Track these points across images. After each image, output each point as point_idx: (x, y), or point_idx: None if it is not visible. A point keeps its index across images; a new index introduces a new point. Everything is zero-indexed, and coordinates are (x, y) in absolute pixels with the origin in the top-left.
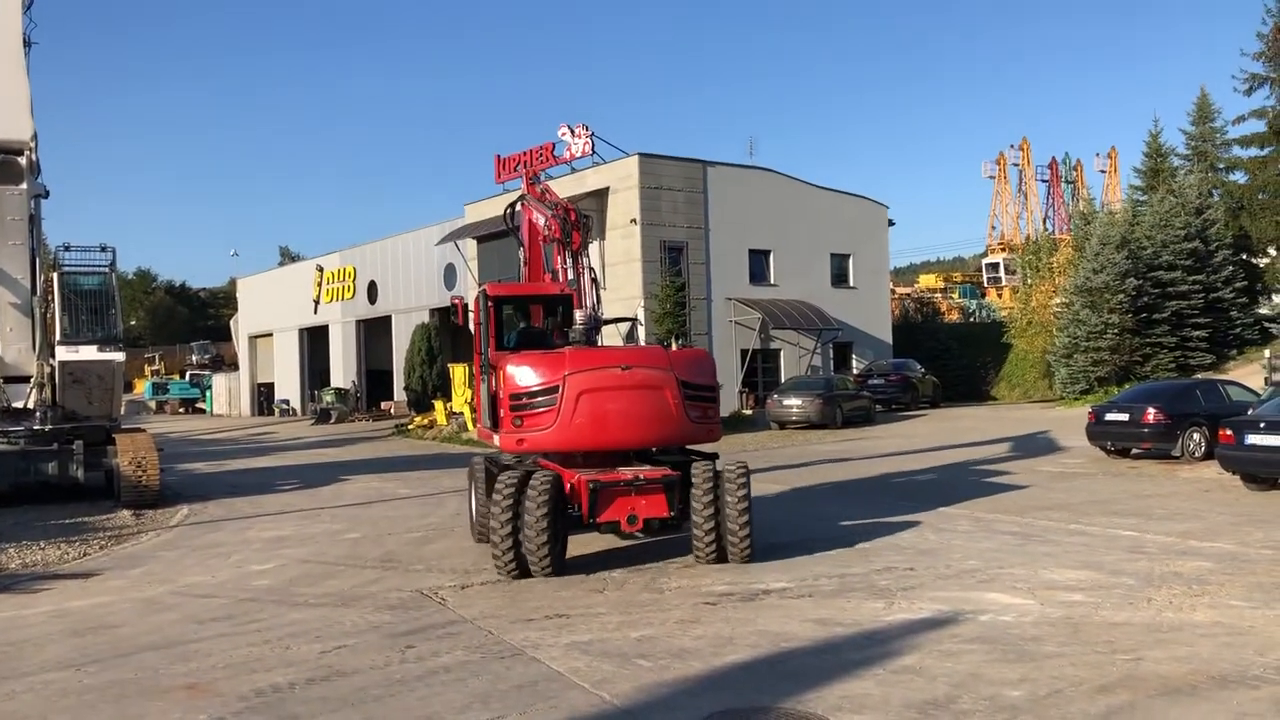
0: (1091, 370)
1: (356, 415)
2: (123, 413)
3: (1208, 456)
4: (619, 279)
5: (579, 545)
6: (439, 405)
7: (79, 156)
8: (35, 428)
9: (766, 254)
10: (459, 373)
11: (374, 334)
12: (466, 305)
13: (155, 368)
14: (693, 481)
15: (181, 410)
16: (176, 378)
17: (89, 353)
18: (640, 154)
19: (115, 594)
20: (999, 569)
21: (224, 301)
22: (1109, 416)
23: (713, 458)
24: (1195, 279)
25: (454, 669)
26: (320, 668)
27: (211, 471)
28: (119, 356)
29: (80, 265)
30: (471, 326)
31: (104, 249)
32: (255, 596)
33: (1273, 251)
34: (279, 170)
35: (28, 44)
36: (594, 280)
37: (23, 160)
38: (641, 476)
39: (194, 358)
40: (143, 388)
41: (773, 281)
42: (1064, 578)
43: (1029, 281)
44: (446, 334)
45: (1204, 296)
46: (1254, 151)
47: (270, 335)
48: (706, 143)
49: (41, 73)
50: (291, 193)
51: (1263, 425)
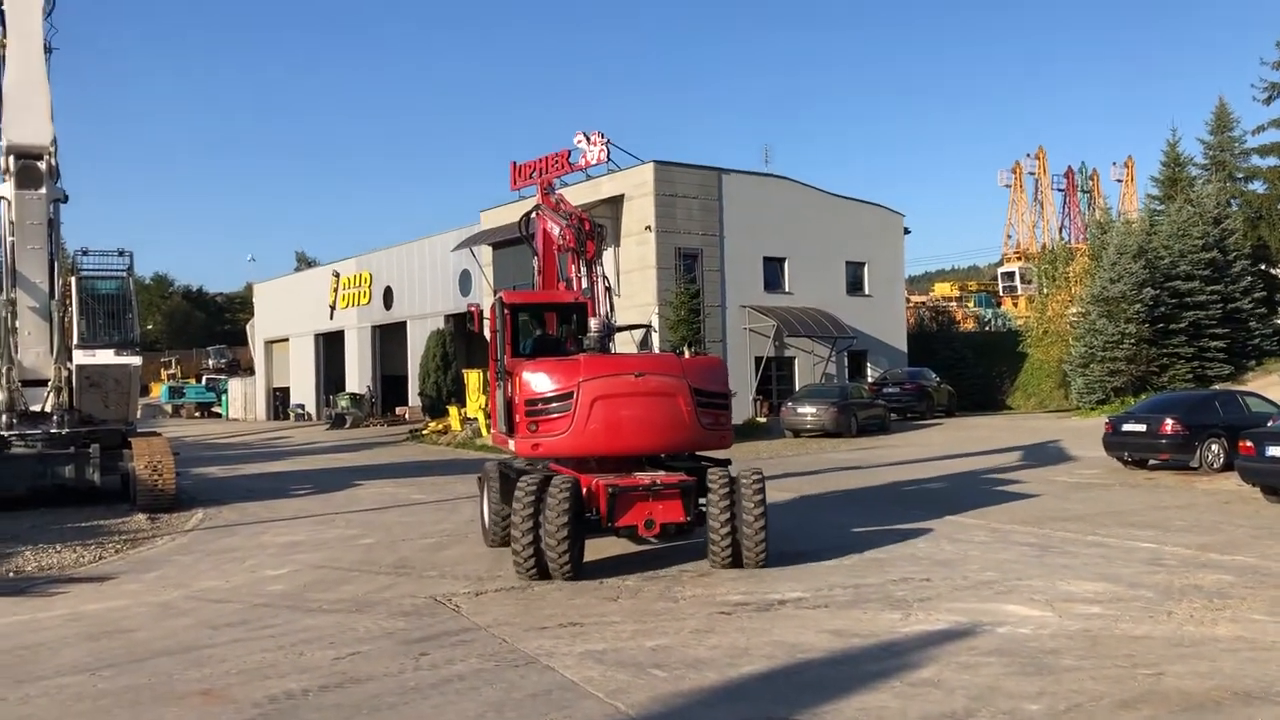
0: (1108, 380)
1: (371, 420)
2: (139, 416)
3: (1226, 468)
4: (634, 286)
5: (592, 551)
6: (453, 411)
7: (98, 161)
8: (52, 431)
9: (781, 261)
10: (473, 378)
11: (389, 339)
12: (483, 312)
13: (172, 372)
14: (709, 487)
15: (197, 414)
16: (193, 382)
17: (106, 356)
18: (656, 161)
19: (130, 598)
20: (1016, 580)
21: (240, 306)
22: (1126, 427)
23: (726, 464)
24: (1213, 289)
25: (468, 677)
26: (333, 674)
27: (226, 476)
28: (136, 360)
29: (98, 269)
30: (487, 333)
31: (121, 253)
32: (269, 602)
33: None
34: (296, 176)
35: (48, 50)
36: (607, 288)
37: (42, 165)
38: (659, 482)
39: (210, 362)
40: (159, 392)
41: (787, 289)
42: (1082, 590)
43: (1045, 290)
44: (461, 340)
45: (1222, 307)
46: (1273, 161)
47: (286, 340)
48: (722, 150)
49: (62, 77)
50: (308, 198)
51: None
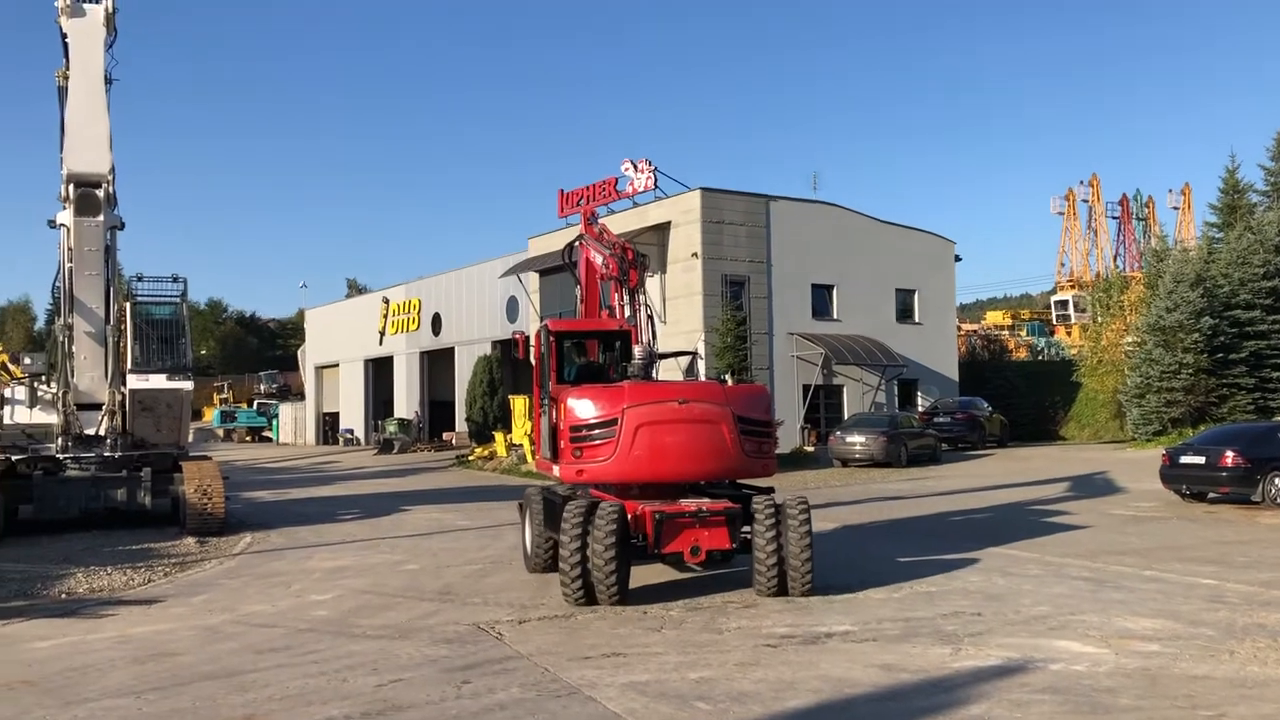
0: (1165, 411)
1: (419, 446)
2: (190, 440)
3: None
4: (680, 313)
5: (636, 579)
6: (499, 437)
7: (155, 188)
8: (106, 454)
9: (830, 289)
10: (519, 404)
11: (437, 365)
12: (528, 339)
13: (224, 396)
14: (754, 514)
15: (249, 438)
16: (244, 406)
17: (159, 381)
18: (702, 188)
19: (177, 621)
20: (1070, 615)
21: (292, 332)
22: (1184, 459)
23: (770, 491)
24: (1275, 318)
25: (509, 706)
26: (375, 701)
27: (275, 500)
28: (187, 385)
29: (152, 295)
30: (532, 360)
31: (175, 279)
32: (314, 627)
33: None
34: (348, 203)
35: (109, 81)
36: (650, 317)
37: (100, 193)
38: (705, 509)
39: (262, 387)
40: (212, 416)
41: (836, 316)
42: (1139, 626)
43: (1099, 319)
44: (508, 366)
45: None
46: None
47: (336, 365)
48: (770, 177)
49: (120, 105)
50: (359, 225)
51: None
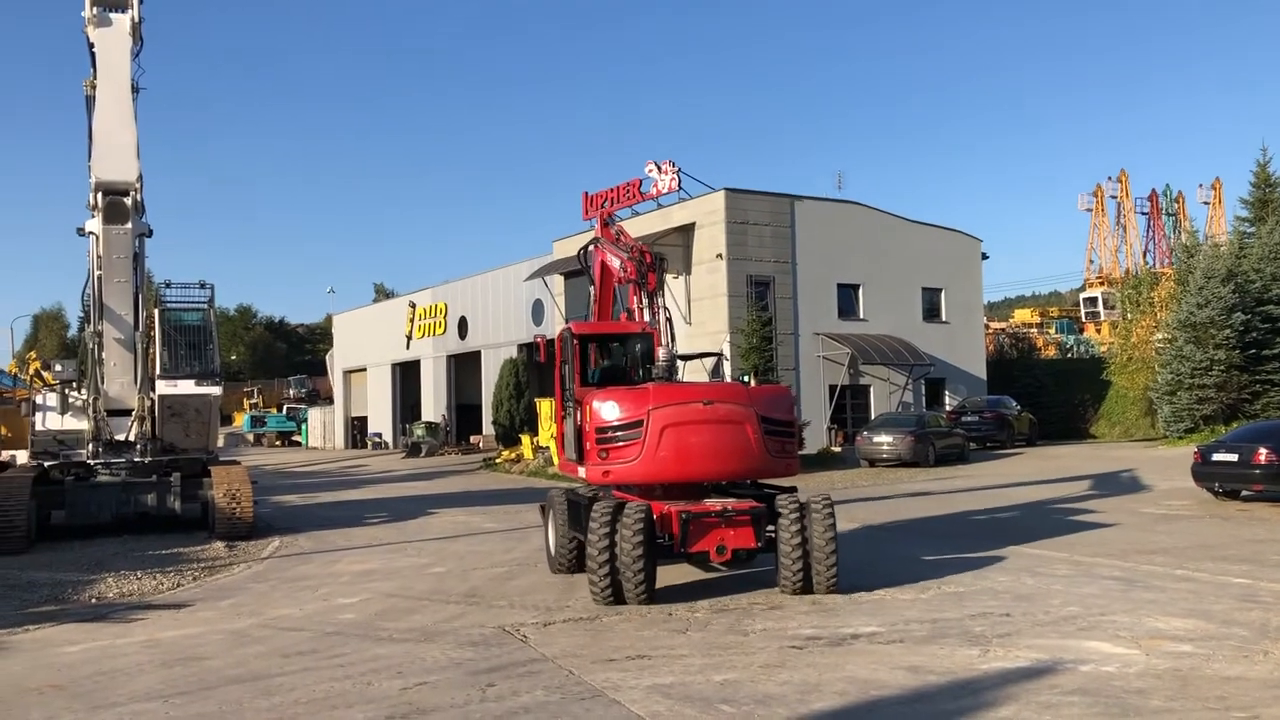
0: (1197, 408)
1: (446, 449)
2: (221, 445)
3: None
4: (704, 314)
5: (660, 580)
6: (526, 439)
7: (184, 196)
8: (136, 460)
9: (856, 288)
10: (545, 407)
11: (464, 369)
12: (549, 342)
13: (254, 401)
14: (780, 513)
15: (278, 443)
16: (274, 411)
17: (187, 387)
18: (727, 189)
19: (205, 625)
20: (1100, 616)
21: (320, 337)
22: (1216, 457)
23: (793, 490)
24: None
25: (533, 709)
26: (400, 704)
27: (303, 504)
28: (216, 391)
29: (181, 302)
30: (555, 363)
31: (203, 286)
32: (340, 630)
33: None
34: (374, 208)
35: (135, 90)
36: (668, 319)
37: (129, 201)
38: (730, 508)
39: (291, 391)
40: (242, 421)
41: (862, 316)
42: (1171, 627)
43: (1129, 316)
44: (534, 369)
45: None
46: None
47: (364, 370)
48: (794, 176)
49: (147, 112)
50: (386, 231)
51: None
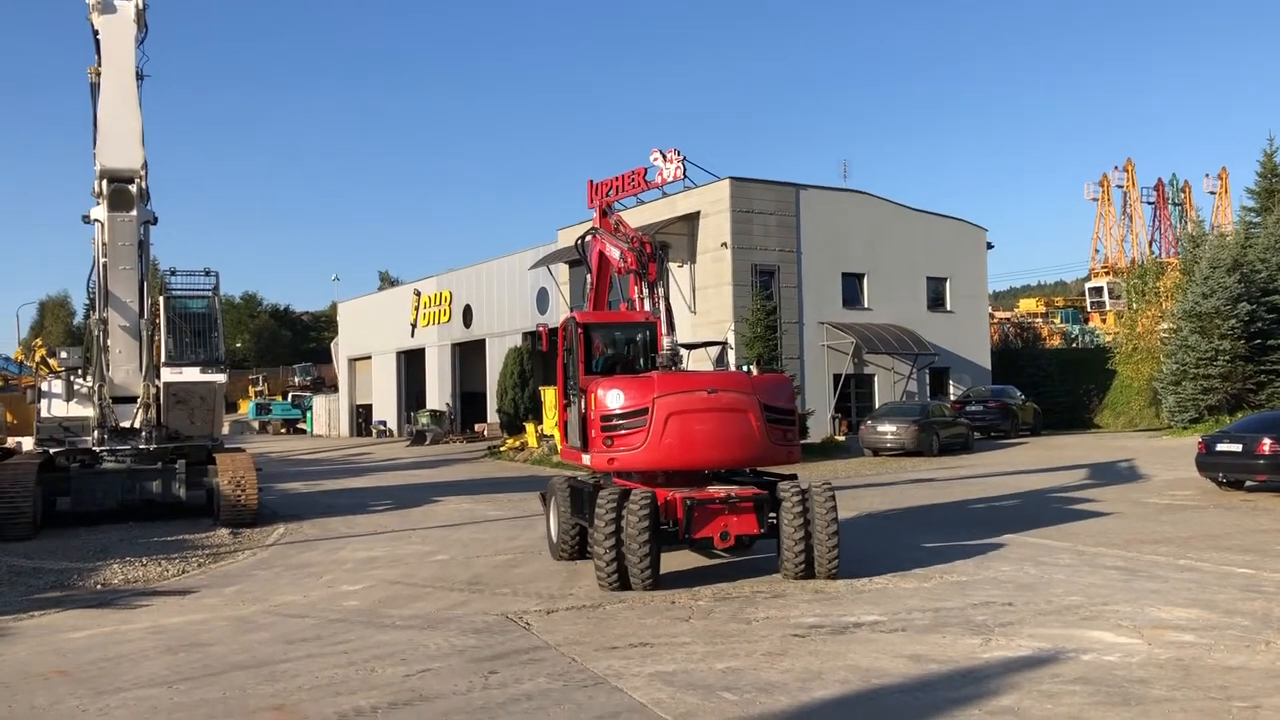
0: (1201, 399)
1: (451, 437)
2: (226, 432)
3: None
4: (709, 303)
5: (663, 567)
6: (530, 428)
7: (189, 184)
8: (141, 446)
9: (860, 277)
10: (550, 396)
11: (469, 357)
12: (552, 331)
13: (259, 389)
14: (782, 499)
15: (283, 430)
16: (279, 399)
17: (192, 374)
18: (732, 178)
19: (210, 612)
20: (1103, 605)
21: (325, 325)
22: (1220, 447)
23: (794, 477)
24: None
25: (536, 697)
26: (404, 691)
27: (308, 491)
28: (220, 378)
29: (186, 289)
30: (559, 352)
31: (208, 273)
32: (344, 617)
33: None
34: (379, 196)
35: (140, 77)
36: (669, 309)
37: (133, 188)
38: (734, 495)
39: (296, 379)
40: (247, 408)
41: (866, 305)
42: (1173, 616)
43: (1134, 306)
44: (537, 358)
45: None
46: None
47: (369, 358)
48: (799, 165)
49: (152, 100)
50: (391, 219)
51: None
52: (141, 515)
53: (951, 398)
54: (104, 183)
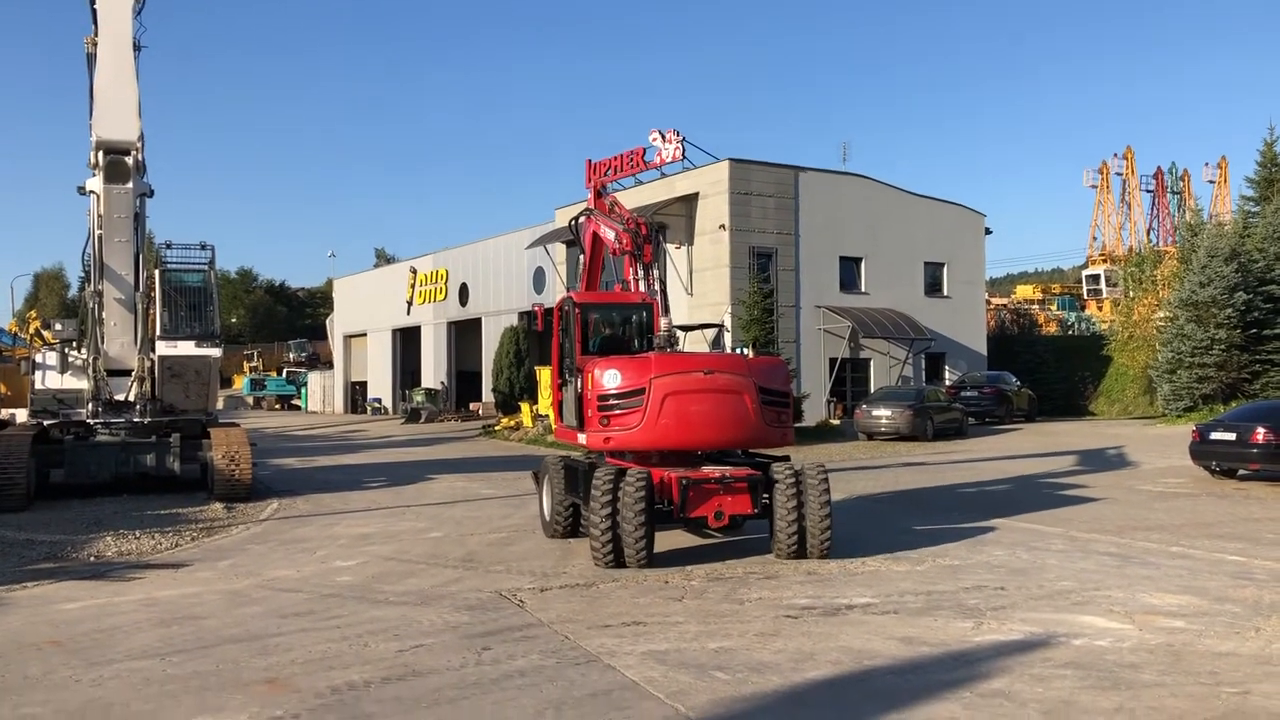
0: (1196, 387)
1: (445, 415)
2: (221, 407)
3: None
4: (707, 285)
5: (656, 546)
6: (525, 407)
7: (186, 156)
8: (135, 420)
9: (858, 261)
10: (545, 376)
11: (464, 335)
12: (547, 311)
13: (254, 364)
14: (776, 480)
15: (278, 406)
16: (274, 374)
17: (187, 348)
18: (731, 159)
19: (203, 585)
20: (1095, 591)
21: (321, 301)
22: (1215, 435)
23: (787, 459)
24: None
25: (528, 673)
26: (396, 666)
27: (302, 467)
28: (215, 352)
29: (181, 263)
30: (554, 331)
31: (204, 247)
32: (338, 592)
33: None
34: (376, 172)
35: (137, 48)
36: (663, 291)
37: (130, 160)
38: (729, 475)
39: (291, 355)
40: (241, 384)
41: (864, 290)
42: (1164, 602)
43: (1131, 294)
44: (533, 337)
45: None
46: None
47: (364, 335)
48: (798, 148)
49: (152, 74)
50: (388, 195)
51: None
52: (135, 488)
53: (947, 383)
54: (100, 154)
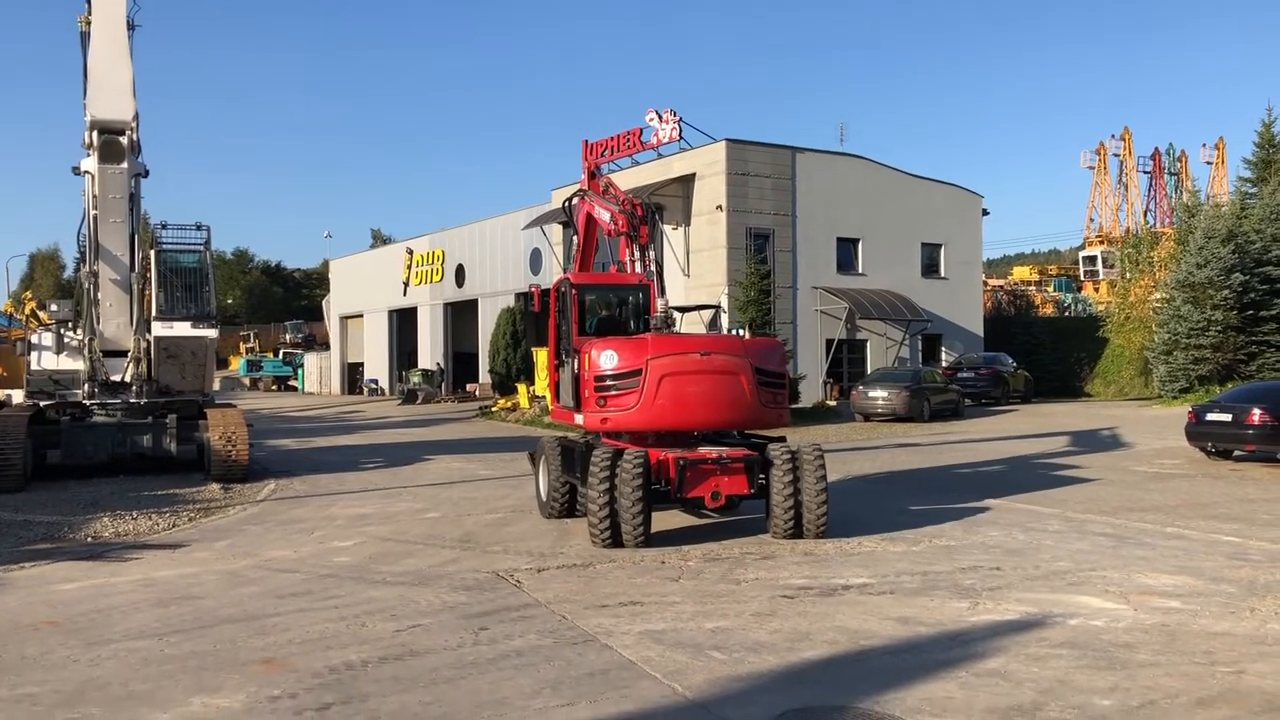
0: (1192, 368)
1: (442, 396)
2: (217, 388)
3: None
4: (703, 266)
5: (653, 526)
6: (522, 388)
7: (182, 137)
8: (131, 401)
9: (855, 242)
10: (542, 357)
11: (461, 316)
12: (545, 292)
13: (250, 345)
14: (772, 460)
15: (274, 387)
16: (270, 355)
17: (183, 329)
18: (728, 140)
19: (200, 565)
20: (1090, 571)
21: (317, 282)
22: (1210, 417)
23: (783, 439)
24: None
25: (526, 653)
26: (393, 646)
27: (299, 448)
28: (212, 333)
29: (177, 243)
30: (550, 312)
31: (199, 227)
32: (335, 573)
33: None
34: (373, 153)
35: (131, 27)
36: (659, 272)
37: (124, 140)
38: (726, 455)
39: (287, 336)
40: (238, 364)
41: (861, 271)
42: (1160, 583)
43: (1128, 275)
44: (530, 318)
45: None
46: None
47: (361, 316)
48: (796, 128)
49: (146, 53)
50: (384, 176)
51: None
52: (132, 469)
53: (943, 364)
54: (94, 134)
